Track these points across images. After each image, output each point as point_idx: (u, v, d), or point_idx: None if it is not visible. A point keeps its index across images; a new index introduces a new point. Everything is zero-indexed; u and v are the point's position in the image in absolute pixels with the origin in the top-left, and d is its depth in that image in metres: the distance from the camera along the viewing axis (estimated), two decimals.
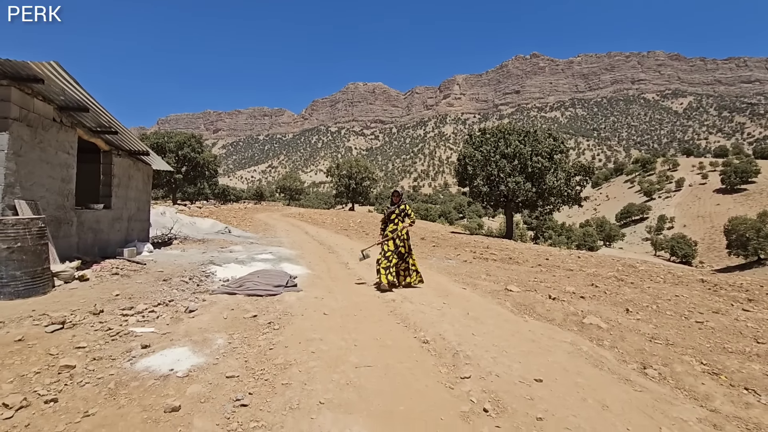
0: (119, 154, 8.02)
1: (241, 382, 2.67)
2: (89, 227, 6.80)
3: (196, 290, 5.12)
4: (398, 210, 5.91)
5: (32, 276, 4.37)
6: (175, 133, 44.31)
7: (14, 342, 3.11)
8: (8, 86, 4.94)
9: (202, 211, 25.31)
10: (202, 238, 11.31)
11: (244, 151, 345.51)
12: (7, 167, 4.84)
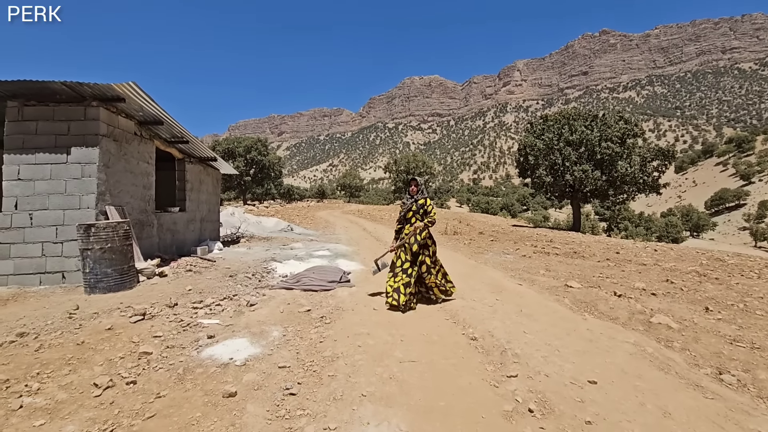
0: (191, 161, 8.81)
1: (291, 373, 2.84)
2: (167, 228, 7.57)
3: (258, 285, 5.49)
4: (416, 205, 4.54)
5: (120, 273, 4.97)
6: (243, 138, 47.41)
7: (105, 330, 3.58)
8: (97, 107, 5.64)
9: (268, 210, 26.87)
10: (267, 236, 12.04)
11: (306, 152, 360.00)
12: (98, 178, 5.54)
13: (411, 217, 4.57)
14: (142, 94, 5.55)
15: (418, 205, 4.53)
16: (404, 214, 4.63)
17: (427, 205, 4.52)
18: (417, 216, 4.53)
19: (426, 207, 4.51)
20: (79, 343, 3.27)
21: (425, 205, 4.52)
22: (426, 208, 4.51)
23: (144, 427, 2.20)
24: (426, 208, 4.51)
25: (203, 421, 2.25)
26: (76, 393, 2.54)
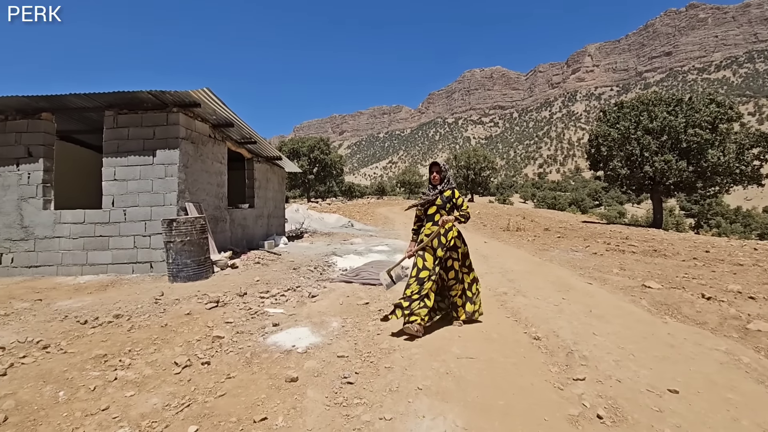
0: (258, 160, 9.37)
1: (349, 362, 2.91)
2: (238, 223, 8.12)
3: (319, 278, 5.70)
4: (441, 198, 3.52)
5: (198, 264, 5.42)
6: (307, 138, 49.42)
7: (184, 315, 3.93)
8: (177, 112, 6.19)
9: (330, 207, 27.79)
10: (328, 232, 12.46)
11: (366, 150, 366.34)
12: (179, 177, 6.08)
13: (434, 213, 3.54)
14: (215, 98, 5.99)
15: (444, 198, 3.50)
16: (424, 209, 3.60)
17: (456, 197, 3.51)
18: (443, 212, 3.50)
19: (455, 199, 3.51)
20: (163, 326, 3.63)
21: (453, 197, 3.50)
22: (455, 200, 3.51)
23: (216, 404, 2.38)
24: (455, 201, 3.51)
25: (267, 402, 2.38)
26: (159, 370, 2.82)
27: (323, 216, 16.58)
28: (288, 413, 2.26)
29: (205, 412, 2.31)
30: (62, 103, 6.13)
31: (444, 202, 3.50)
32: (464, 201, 3.52)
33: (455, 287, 3.65)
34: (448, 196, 3.50)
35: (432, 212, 3.55)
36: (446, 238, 3.46)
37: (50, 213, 6.13)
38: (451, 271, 3.60)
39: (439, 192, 3.53)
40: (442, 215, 3.48)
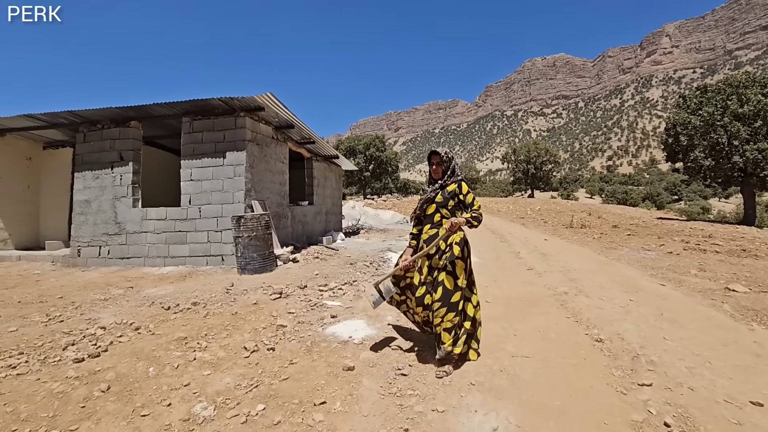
0: (317, 159, 9.76)
1: (403, 355, 3.00)
2: (299, 220, 8.55)
3: (375, 273, 5.85)
4: (443, 194, 2.80)
5: (263, 257, 5.81)
6: (363, 136, 50.29)
7: (252, 304, 4.26)
8: (244, 117, 6.65)
9: (385, 204, 28.13)
10: (383, 228, 12.66)
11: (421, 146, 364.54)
12: (246, 177, 6.54)
13: (433, 213, 2.80)
14: (278, 102, 6.36)
15: (447, 194, 2.76)
16: (423, 208, 2.86)
17: (463, 193, 2.75)
18: (444, 211, 2.76)
19: (462, 195, 2.75)
20: (234, 314, 3.96)
21: (460, 193, 2.75)
22: (463, 197, 2.75)
23: (280, 387, 2.58)
24: (463, 198, 2.75)
25: (326, 388, 2.54)
26: (231, 353, 3.10)
27: (378, 213, 16.85)
28: (345, 399, 2.39)
29: (271, 393, 2.51)
30: (147, 111, 6.84)
31: (446, 198, 2.75)
32: (475, 198, 2.75)
33: (438, 312, 2.63)
34: (452, 192, 2.75)
35: (431, 212, 2.79)
36: (445, 243, 2.67)
37: (138, 210, 6.89)
38: (439, 288, 2.65)
39: (440, 187, 2.79)
40: (444, 215, 2.75)
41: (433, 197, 2.80)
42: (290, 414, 2.26)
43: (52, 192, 8.81)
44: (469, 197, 2.74)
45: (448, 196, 2.76)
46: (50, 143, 8.83)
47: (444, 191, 2.78)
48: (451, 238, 2.68)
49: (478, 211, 2.70)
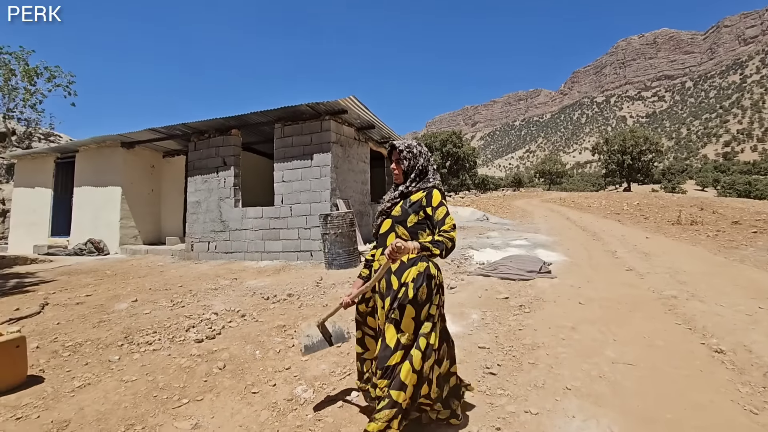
0: None
1: (490, 354, 2.96)
2: None
3: (457, 271, 5.81)
4: (403, 206, 1.93)
5: (348, 253, 6.10)
6: (439, 133, 49.86)
7: (339, 298, 4.50)
8: (329, 120, 7.02)
9: (463, 200, 27.61)
10: (463, 225, 12.45)
11: (500, 140, 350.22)
12: (331, 177, 6.91)
13: (387, 232, 1.94)
14: (360, 104, 6.61)
15: (409, 206, 1.91)
16: (378, 223, 2.00)
17: (432, 205, 1.87)
18: (402, 230, 1.89)
19: (431, 209, 1.87)
20: (324, 305, 4.23)
21: (428, 205, 1.88)
22: (431, 211, 1.87)
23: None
24: (431, 212, 1.87)
25: None
26: None
27: (457, 210, 16.61)
28: None
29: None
30: (245, 120, 7.56)
31: (405, 212, 1.89)
32: (448, 215, 1.83)
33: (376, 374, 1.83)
34: (416, 203, 1.88)
35: (385, 230, 1.94)
36: (398, 279, 1.82)
37: (239, 210, 7.65)
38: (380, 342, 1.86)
39: (401, 195, 1.94)
40: (401, 235, 1.87)
41: (387, 209, 1.94)
42: None
43: (169, 194, 10.16)
44: (440, 212, 1.83)
45: (409, 210, 1.88)
46: (168, 152, 10.18)
47: (406, 201, 1.91)
48: (408, 272, 1.79)
49: (449, 234, 1.73)
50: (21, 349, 2.64)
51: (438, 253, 1.70)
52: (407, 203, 1.91)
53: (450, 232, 1.76)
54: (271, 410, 2.36)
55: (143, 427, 2.18)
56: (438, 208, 1.85)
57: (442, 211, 1.84)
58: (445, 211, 1.84)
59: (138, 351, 3.22)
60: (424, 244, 1.68)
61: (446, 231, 1.76)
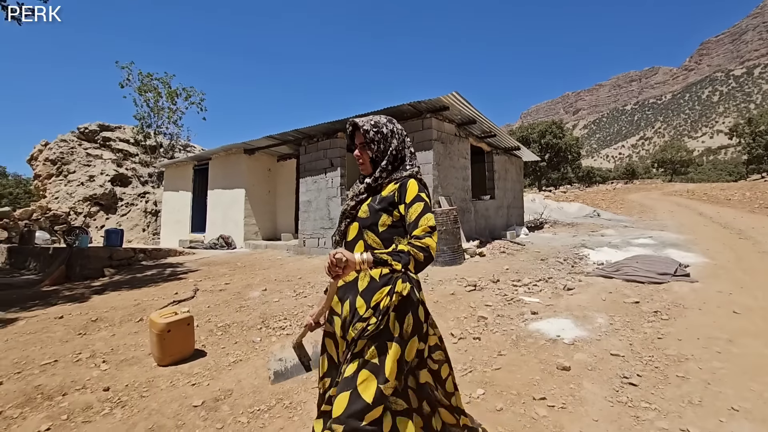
0: (497, 152, 9.59)
1: (626, 362, 2.71)
2: (481, 214, 8.59)
3: (571, 271, 5.42)
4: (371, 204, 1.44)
5: (452, 251, 6.08)
6: (537, 124, 46.74)
7: (449, 294, 4.51)
8: (429, 117, 7.06)
9: (566, 195, 25.56)
10: (571, 222, 11.55)
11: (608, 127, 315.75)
12: (433, 174, 6.95)
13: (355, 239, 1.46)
14: (463, 100, 6.52)
15: (379, 204, 1.43)
16: (343, 228, 1.52)
17: (406, 201, 1.38)
18: (371, 236, 1.42)
19: (405, 206, 1.39)
20: (435, 302, 4.28)
21: (400, 201, 1.40)
22: (405, 208, 1.38)
23: (494, 375, 2.67)
24: (404, 210, 1.39)
25: (542, 384, 2.51)
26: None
27: (562, 205, 15.45)
28: (567, 399, 2.32)
29: (485, 380, 2.63)
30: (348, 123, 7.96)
31: (374, 211, 1.43)
32: (424, 213, 1.35)
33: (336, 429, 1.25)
34: (387, 199, 1.43)
35: (352, 236, 1.48)
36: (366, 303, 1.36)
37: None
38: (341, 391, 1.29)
39: (367, 189, 1.49)
40: (371, 243, 1.43)
41: (352, 210, 1.49)
42: (510, 403, 2.33)
43: (283, 195, 11.19)
44: (414, 210, 1.35)
45: (378, 209, 1.42)
46: (281, 156, 11.22)
47: (375, 198, 1.45)
48: (381, 294, 1.33)
49: (422, 241, 1.27)
50: (190, 327, 3.15)
51: (399, 268, 1.22)
52: (376, 200, 1.44)
53: (423, 237, 1.27)
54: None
55: (290, 402, 2.45)
56: (412, 204, 1.36)
57: (417, 208, 1.34)
58: (421, 208, 1.35)
59: (274, 334, 3.63)
60: (379, 256, 1.22)
61: (418, 237, 1.28)
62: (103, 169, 14.73)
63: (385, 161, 1.46)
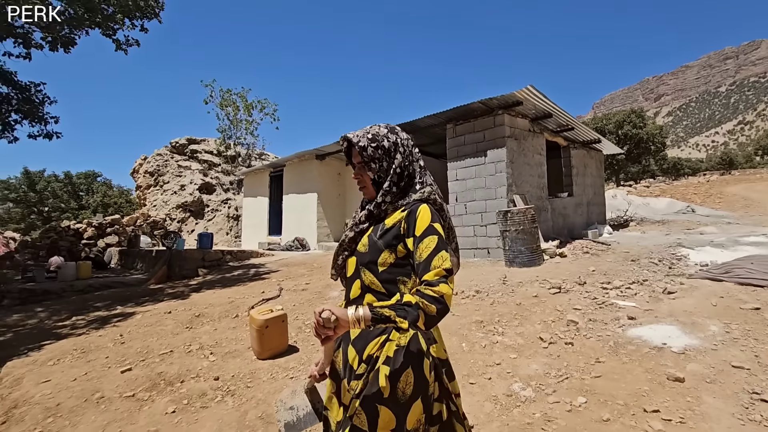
0: (575, 146, 9.02)
1: (753, 376, 2.41)
2: (558, 213, 8.14)
3: (669, 273, 4.93)
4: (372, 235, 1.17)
5: (531, 251, 5.83)
6: (613, 114, 43.17)
7: (532, 297, 4.33)
8: (502, 114, 6.84)
9: (651, 190, 23.33)
10: (660, 219, 10.52)
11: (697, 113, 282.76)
12: (507, 172, 6.72)
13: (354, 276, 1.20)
14: (538, 94, 6.24)
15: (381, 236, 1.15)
16: (340, 262, 1.26)
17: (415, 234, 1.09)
18: (370, 276, 1.15)
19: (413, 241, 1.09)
20: (517, 304, 4.13)
21: (408, 234, 1.11)
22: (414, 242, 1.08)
23: (594, 383, 2.52)
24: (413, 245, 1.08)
25: (652, 395, 2.31)
26: (528, 341, 3.24)
27: (648, 201, 14.12)
28: (685, 413, 2.12)
29: (585, 387, 2.49)
30: (416, 125, 7.99)
31: (375, 245, 1.15)
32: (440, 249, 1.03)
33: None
34: (392, 230, 1.14)
35: (351, 272, 1.22)
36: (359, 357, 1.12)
37: None
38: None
39: (369, 216, 1.21)
40: (370, 285, 1.16)
41: (351, 242, 1.23)
42: (618, 414, 2.18)
43: (352, 198, 11.52)
44: (425, 246, 1.05)
45: (380, 242, 1.15)
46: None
47: (377, 228, 1.18)
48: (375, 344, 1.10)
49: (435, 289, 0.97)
50: (285, 324, 3.37)
51: (405, 327, 0.95)
52: (378, 231, 1.16)
53: (437, 284, 0.97)
54: (494, 402, 2.43)
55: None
56: (423, 238, 1.06)
57: (428, 244, 1.04)
58: (435, 243, 1.04)
59: None
60: (379, 312, 0.96)
61: (430, 283, 0.98)
62: (192, 178, 16.26)
63: (388, 182, 1.16)
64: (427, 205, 1.12)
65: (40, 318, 5.55)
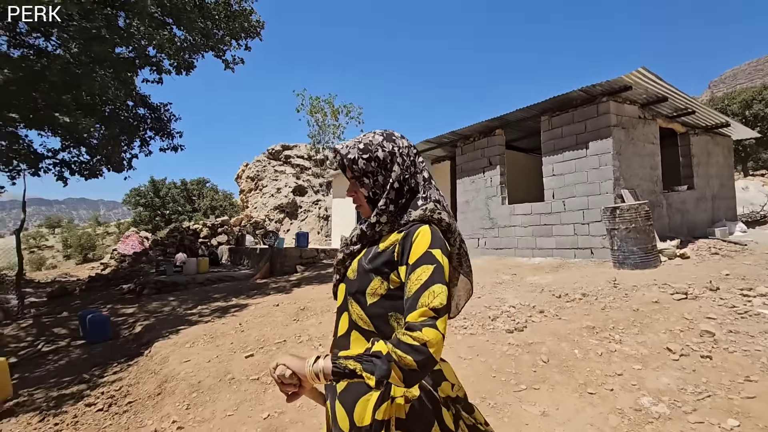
0: (695, 132, 7.90)
1: None
2: (676, 208, 7.20)
3: None
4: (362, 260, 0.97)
5: (644, 252, 5.24)
6: (738, 92, 36.88)
7: (652, 302, 3.89)
8: (606, 101, 6.25)
9: None
10: None
11: None
12: (613, 165, 6.13)
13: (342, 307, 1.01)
14: (652, 76, 5.59)
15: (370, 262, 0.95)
16: (333, 288, 1.08)
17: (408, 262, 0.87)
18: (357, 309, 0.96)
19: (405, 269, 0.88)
20: (635, 310, 3.74)
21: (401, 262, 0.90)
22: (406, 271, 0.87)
23: (746, 405, 2.18)
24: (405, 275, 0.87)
25: None
26: (654, 351, 2.92)
27: None
28: None
29: (735, 408, 2.17)
30: (506, 119, 7.66)
31: (364, 273, 0.96)
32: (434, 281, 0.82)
33: None
34: (385, 255, 0.94)
35: (340, 303, 1.03)
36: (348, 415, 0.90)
37: (506, 207, 7.83)
38: None
39: (361, 238, 1.01)
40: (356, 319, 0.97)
41: (340, 265, 1.05)
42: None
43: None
44: (417, 277, 0.84)
45: (369, 268, 0.96)
46: (435, 159, 11.51)
47: (369, 252, 0.99)
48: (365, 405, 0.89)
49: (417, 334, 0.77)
50: None
51: (372, 384, 0.77)
52: (368, 256, 0.98)
53: (418, 329, 0.78)
54: (620, 416, 2.23)
55: (495, 402, 2.45)
56: (415, 267, 0.86)
57: (420, 275, 0.84)
58: (428, 275, 0.84)
59: (458, 333, 3.70)
60: (342, 365, 0.80)
61: (410, 327, 0.79)
62: (287, 182, 17.58)
63: (384, 199, 0.97)
64: (429, 227, 0.91)
65: (173, 306, 6.44)
